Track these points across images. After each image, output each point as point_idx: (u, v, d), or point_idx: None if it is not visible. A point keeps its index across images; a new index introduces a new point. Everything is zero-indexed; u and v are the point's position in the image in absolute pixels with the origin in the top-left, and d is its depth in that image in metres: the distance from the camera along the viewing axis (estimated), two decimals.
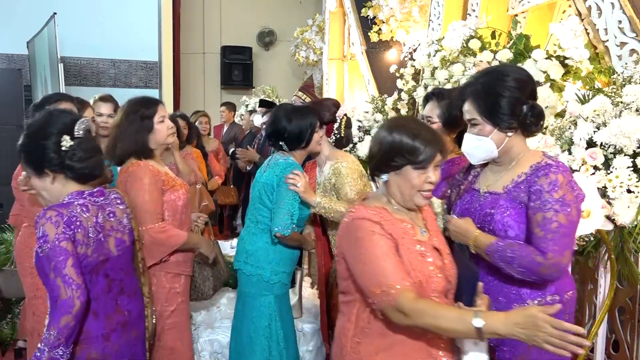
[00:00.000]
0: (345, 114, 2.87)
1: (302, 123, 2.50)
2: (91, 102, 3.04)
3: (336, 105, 2.80)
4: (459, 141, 2.17)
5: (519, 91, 1.69)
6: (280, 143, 2.54)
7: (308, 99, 4.23)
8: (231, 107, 6.78)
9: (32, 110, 2.53)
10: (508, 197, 1.73)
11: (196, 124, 4.82)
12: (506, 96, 1.69)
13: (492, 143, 1.73)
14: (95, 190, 1.80)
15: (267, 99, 5.97)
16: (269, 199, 2.51)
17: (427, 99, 2.35)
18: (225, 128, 6.69)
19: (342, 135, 2.81)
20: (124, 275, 1.86)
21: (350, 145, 3.67)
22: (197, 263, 2.56)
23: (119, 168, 2.40)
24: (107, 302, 1.77)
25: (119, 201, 1.88)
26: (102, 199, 1.80)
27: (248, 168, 4.60)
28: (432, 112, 2.26)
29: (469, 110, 1.76)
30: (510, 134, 1.72)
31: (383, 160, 1.56)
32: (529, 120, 1.70)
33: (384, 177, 1.58)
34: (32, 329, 2.49)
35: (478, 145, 1.76)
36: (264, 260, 2.51)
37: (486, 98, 1.71)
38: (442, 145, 1.54)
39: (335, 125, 2.79)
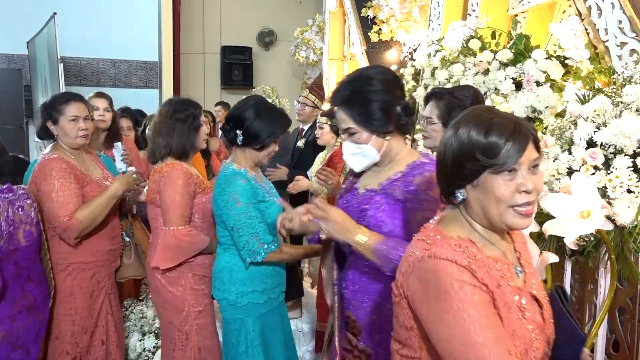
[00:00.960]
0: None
1: (268, 124, 2.24)
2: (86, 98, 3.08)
3: None
4: None
5: (388, 94, 1.65)
6: (237, 132, 2.24)
7: (317, 102, 4.12)
8: (226, 106, 6.66)
9: (41, 110, 2.53)
10: (383, 194, 1.70)
11: None
12: (377, 100, 1.64)
13: (372, 149, 1.67)
14: (4, 187, 2.00)
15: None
16: (221, 217, 2.22)
17: (426, 99, 2.34)
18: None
19: None
20: (31, 263, 2.07)
21: None
22: None
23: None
24: (15, 287, 1.96)
25: (26, 196, 2.09)
26: (10, 194, 2.01)
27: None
28: (431, 113, 2.24)
29: (343, 119, 1.68)
30: (388, 137, 1.68)
31: (454, 170, 1.17)
32: (403, 120, 1.67)
33: (460, 194, 1.19)
34: (47, 334, 2.41)
35: (358, 153, 1.69)
36: (228, 282, 2.25)
37: (358, 105, 1.65)
38: (534, 136, 1.17)
39: None
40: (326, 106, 4.05)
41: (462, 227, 1.21)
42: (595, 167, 2.23)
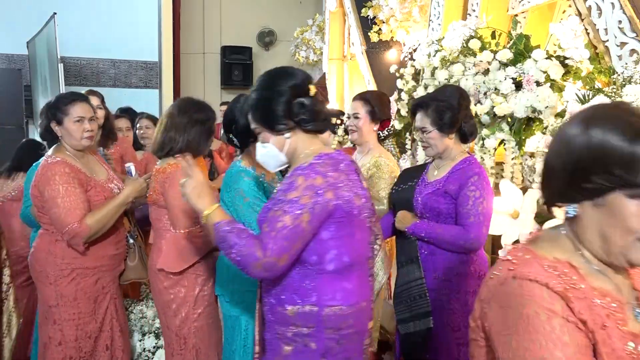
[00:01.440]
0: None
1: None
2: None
3: (389, 102, 2.82)
4: (461, 138, 2.19)
5: (267, 90, 1.69)
6: (231, 136, 2.24)
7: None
8: None
9: (45, 110, 2.48)
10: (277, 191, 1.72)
11: None
12: (258, 98, 1.69)
13: (273, 148, 1.70)
14: None
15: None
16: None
17: (413, 112, 2.32)
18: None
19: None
20: None
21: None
22: None
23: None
24: None
25: None
26: None
27: None
28: (424, 122, 2.24)
29: (251, 122, 1.74)
30: (287, 135, 1.68)
31: (571, 179, 0.93)
32: (303, 117, 1.67)
33: (571, 209, 0.95)
34: (49, 339, 2.42)
35: (265, 152, 1.72)
36: (226, 279, 2.27)
37: (260, 106, 1.70)
38: None
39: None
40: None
41: (563, 247, 0.96)
42: None
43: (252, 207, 2.08)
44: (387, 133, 2.88)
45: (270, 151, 1.70)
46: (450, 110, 2.14)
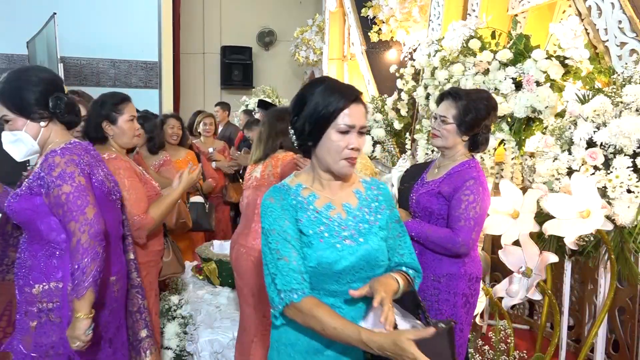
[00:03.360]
0: None
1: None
2: None
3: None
4: (471, 144, 2.15)
5: (41, 83, 1.79)
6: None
7: None
8: (226, 106, 6.60)
9: (97, 109, 2.45)
10: None
11: (200, 124, 4.76)
12: (29, 88, 1.78)
13: (26, 135, 1.79)
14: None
15: (266, 99, 5.94)
16: None
17: (442, 97, 2.27)
18: (220, 128, 6.60)
19: None
20: None
21: None
22: None
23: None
24: None
25: None
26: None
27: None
28: (447, 112, 2.17)
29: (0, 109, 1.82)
30: (42, 123, 1.79)
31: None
32: (59, 110, 1.79)
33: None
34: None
35: (14, 140, 1.80)
36: None
37: (14, 93, 1.78)
38: None
39: None
40: None
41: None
42: (595, 167, 2.23)
43: None
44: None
45: (21, 139, 1.79)
46: (477, 113, 2.10)
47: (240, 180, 4.58)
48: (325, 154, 1.40)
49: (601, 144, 2.21)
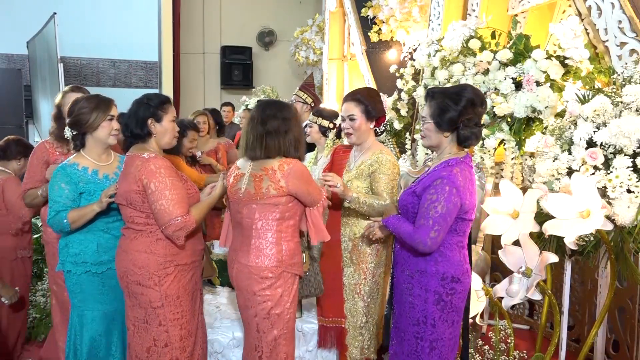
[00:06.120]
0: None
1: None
2: (60, 96, 3.02)
3: (380, 97, 2.84)
4: (458, 140, 2.16)
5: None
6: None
7: (309, 99, 4.27)
8: (232, 107, 6.89)
9: (144, 108, 2.40)
10: None
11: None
12: None
13: None
14: None
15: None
16: None
17: (425, 99, 2.33)
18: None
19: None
20: None
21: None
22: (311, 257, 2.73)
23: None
24: None
25: None
26: None
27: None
28: (425, 112, 2.23)
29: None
30: None
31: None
32: None
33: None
34: (154, 341, 2.38)
35: None
36: None
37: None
38: None
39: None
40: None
41: None
42: (595, 167, 2.23)
43: None
44: (383, 128, 2.84)
45: None
46: (451, 109, 2.12)
47: None
48: None
49: (601, 144, 2.21)
